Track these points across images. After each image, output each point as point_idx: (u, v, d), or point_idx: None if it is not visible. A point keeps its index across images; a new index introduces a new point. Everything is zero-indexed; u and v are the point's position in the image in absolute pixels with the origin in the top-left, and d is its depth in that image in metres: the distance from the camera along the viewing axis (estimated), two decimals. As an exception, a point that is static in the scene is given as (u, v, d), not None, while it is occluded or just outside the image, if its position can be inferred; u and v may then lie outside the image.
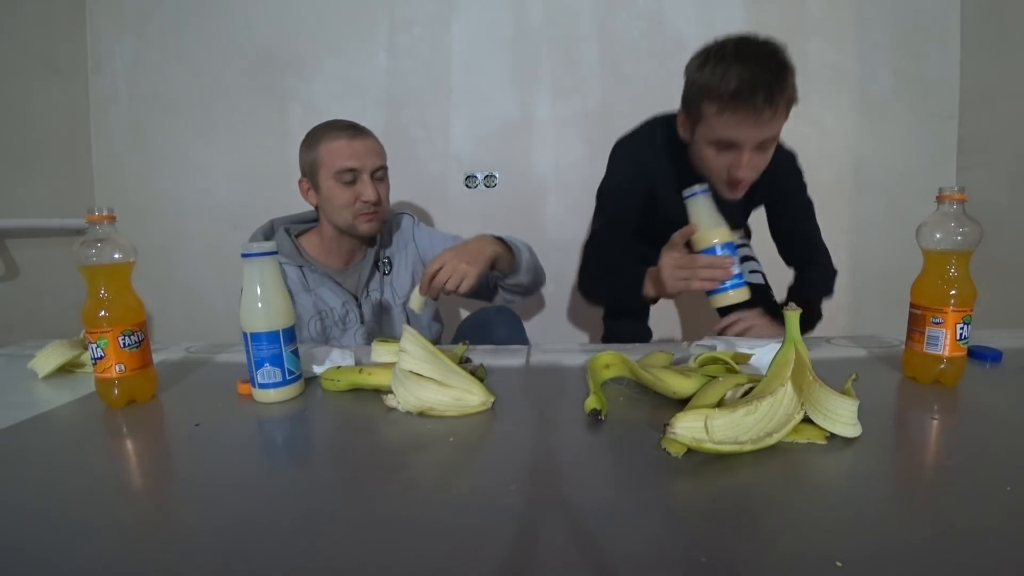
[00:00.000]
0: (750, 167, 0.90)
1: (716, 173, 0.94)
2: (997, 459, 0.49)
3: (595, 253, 1.09)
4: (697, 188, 0.90)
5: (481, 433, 0.59)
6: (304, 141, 1.13)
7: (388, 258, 1.21)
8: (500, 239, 1.07)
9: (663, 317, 1.87)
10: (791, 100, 0.89)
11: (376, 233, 1.15)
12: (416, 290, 0.98)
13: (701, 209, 0.89)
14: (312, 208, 1.17)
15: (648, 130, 1.08)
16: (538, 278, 1.18)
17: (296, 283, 1.12)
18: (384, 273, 1.20)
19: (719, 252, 0.86)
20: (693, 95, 0.92)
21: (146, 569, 0.37)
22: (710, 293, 0.87)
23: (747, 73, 0.83)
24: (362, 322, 1.15)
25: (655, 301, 0.98)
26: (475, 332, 1.06)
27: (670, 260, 0.84)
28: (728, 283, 0.86)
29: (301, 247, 1.15)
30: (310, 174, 1.11)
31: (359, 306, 1.16)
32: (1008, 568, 0.34)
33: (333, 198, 1.08)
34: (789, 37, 1.69)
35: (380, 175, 1.11)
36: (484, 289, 1.21)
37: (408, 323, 1.16)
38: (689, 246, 0.89)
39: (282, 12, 1.75)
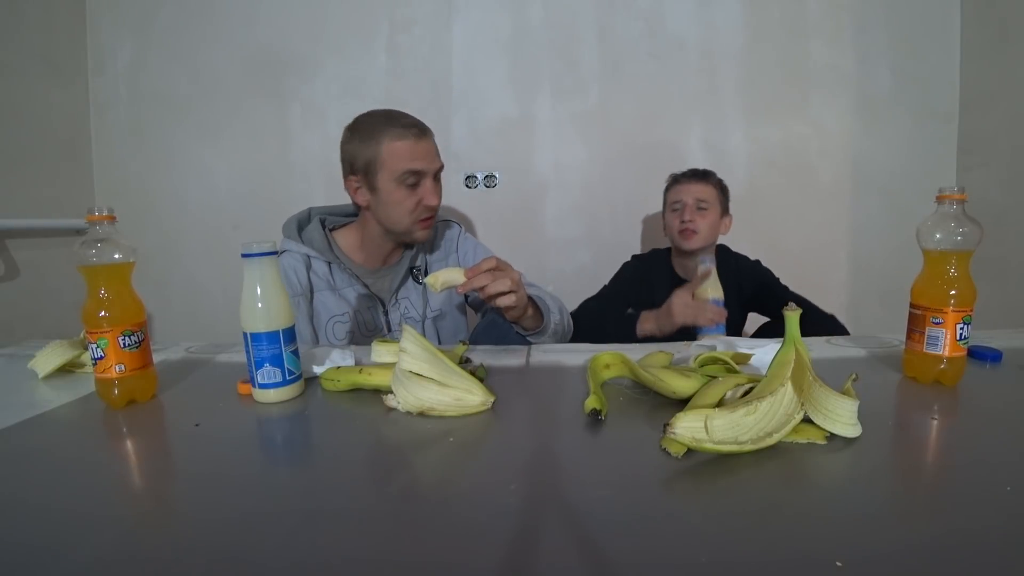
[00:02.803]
0: (692, 215, 1.36)
1: (674, 230, 1.39)
2: (997, 459, 0.49)
3: (587, 307, 1.39)
4: (707, 258, 1.22)
5: (481, 433, 0.59)
6: (355, 134, 1.03)
7: (426, 266, 1.15)
8: (533, 300, 0.95)
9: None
10: (721, 187, 1.42)
11: (428, 239, 1.11)
12: (452, 270, 0.84)
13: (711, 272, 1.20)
14: (352, 203, 1.10)
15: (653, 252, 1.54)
16: (561, 340, 1.02)
17: (322, 280, 1.06)
18: (417, 281, 1.13)
19: (718, 304, 1.18)
20: (665, 196, 1.46)
21: (146, 568, 0.37)
22: (701, 330, 1.18)
23: (685, 170, 1.45)
24: (388, 330, 1.09)
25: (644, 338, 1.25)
26: (488, 333, 0.99)
27: (682, 300, 1.13)
28: (716, 328, 1.18)
29: (334, 242, 1.10)
30: (364, 172, 1.02)
31: (386, 313, 1.10)
32: (1008, 568, 0.34)
33: (393, 202, 1.01)
34: (789, 37, 1.72)
35: (438, 177, 1.06)
36: (477, 303, 1.19)
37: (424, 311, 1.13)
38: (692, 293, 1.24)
39: (282, 12, 1.75)
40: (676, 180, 1.43)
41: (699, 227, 1.36)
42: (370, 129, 1.01)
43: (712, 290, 1.18)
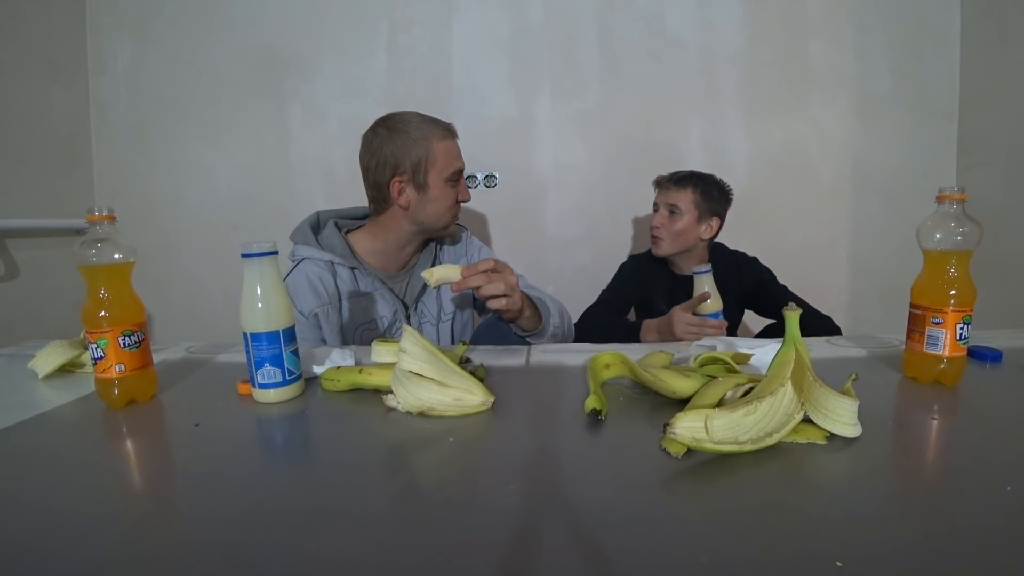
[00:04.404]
0: (659, 222, 1.38)
1: (650, 232, 1.42)
2: (997, 459, 0.49)
3: (590, 318, 1.39)
4: (703, 268, 1.19)
5: (481, 433, 0.59)
6: (397, 134, 1.02)
7: None
8: (533, 301, 0.95)
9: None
10: (703, 192, 1.37)
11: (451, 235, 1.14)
12: (449, 267, 0.86)
13: (708, 284, 1.18)
14: (365, 205, 1.09)
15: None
16: (563, 342, 1.02)
17: (348, 285, 1.04)
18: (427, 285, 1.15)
19: (719, 317, 1.17)
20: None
21: (146, 568, 0.37)
22: None
23: (664, 173, 1.44)
24: None
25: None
26: (490, 334, 1.00)
27: (683, 317, 1.11)
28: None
29: (351, 246, 1.08)
30: (413, 172, 1.02)
31: (408, 317, 1.10)
32: (1008, 568, 0.34)
33: (441, 199, 1.04)
34: (789, 37, 1.72)
35: None
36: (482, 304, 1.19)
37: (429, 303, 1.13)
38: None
39: (282, 12, 1.75)
40: (656, 183, 1.45)
41: (663, 234, 1.37)
42: (418, 128, 1.02)
43: (712, 305, 1.17)
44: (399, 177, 1.03)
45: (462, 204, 1.10)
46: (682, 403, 0.60)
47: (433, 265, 1.14)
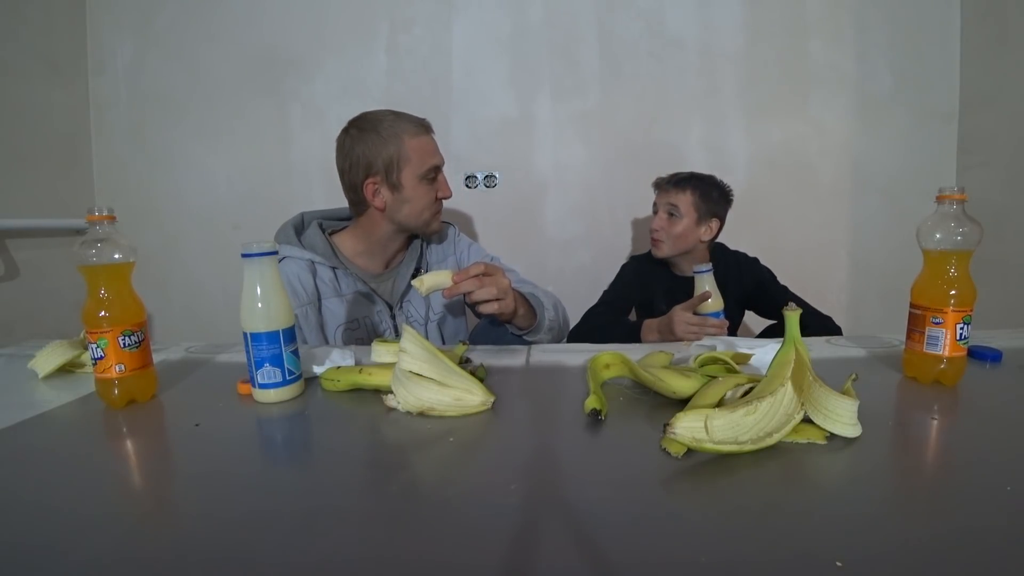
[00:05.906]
0: (659, 224, 1.39)
1: (650, 234, 1.42)
2: (997, 459, 0.49)
3: (592, 318, 1.39)
4: (704, 267, 1.20)
5: (481, 433, 0.59)
6: (368, 134, 1.01)
7: (427, 267, 1.14)
8: (526, 298, 0.94)
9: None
10: (703, 194, 1.37)
11: (436, 231, 1.12)
12: (439, 274, 0.82)
13: (708, 283, 1.18)
14: (350, 206, 1.08)
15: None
16: (559, 336, 1.02)
17: (328, 286, 1.04)
18: None
19: (720, 317, 1.18)
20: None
21: (146, 568, 0.37)
22: None
23: (664, 175, 1.45)
24: (397, 334, 1.05)
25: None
26: (487, 333, 0.99)
27: (684, 317, 1.11)
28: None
29: (335, 247, 1.08)
30: (386, 172, 1.01)
31: (392, 317, 1.09)
32: (1008, 568, 0.34)
33: (418, 198, 1.03)
34: (789, 37, 1.72)
35: None
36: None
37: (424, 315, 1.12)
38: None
39: (282, 12, 1.75)
40: (655, 185, 1.45)
41: (663, 236, 1.37)
42: (388, 127, 1.01)
43: (713, 304, 1.17)
44: (372, 178, 1.01)
45: (445, 201, 1.09)
46: (682, 403, 0.60)
47: (419, 263, 1.14)
